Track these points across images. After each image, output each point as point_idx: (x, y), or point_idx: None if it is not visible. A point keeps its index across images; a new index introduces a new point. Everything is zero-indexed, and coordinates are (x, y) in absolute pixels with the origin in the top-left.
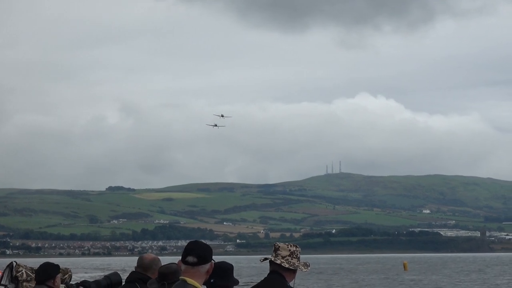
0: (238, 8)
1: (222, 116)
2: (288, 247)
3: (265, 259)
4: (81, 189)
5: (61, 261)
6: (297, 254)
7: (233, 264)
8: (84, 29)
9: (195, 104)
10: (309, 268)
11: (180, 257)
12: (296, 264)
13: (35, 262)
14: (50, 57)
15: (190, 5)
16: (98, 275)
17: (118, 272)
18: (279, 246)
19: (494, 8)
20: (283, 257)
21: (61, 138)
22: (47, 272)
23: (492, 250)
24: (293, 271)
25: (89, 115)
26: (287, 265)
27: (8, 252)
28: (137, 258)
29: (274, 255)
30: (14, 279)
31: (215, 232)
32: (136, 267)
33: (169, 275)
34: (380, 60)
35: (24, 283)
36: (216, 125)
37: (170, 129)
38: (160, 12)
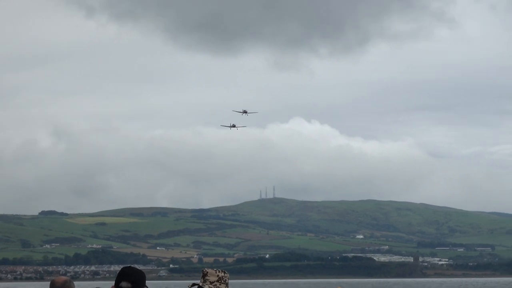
0: (168, 28)
1: (245, 112)
2: (216, 272)
3: (193, 284)
4: (14, 213)
5: None
6: (226, 280)
7: None
8: (12, 51)
9: (127, 128)
10: None
11: (113, 282)
12: None
13: None
14: None
15: (120, 25)
16: None
17: None
18: (207, 272)
19: (428, 31)
20: (211, 283)
21: None
22: None
23: (425, 275)
24: None
25: (20, 138)
26: None
27: None
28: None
29: (202, 280)
30: None
31: (148, 257)
32: None
33: None
34: (314, 84)
35: None
36: (234, 126)
37: (102, 153)
38: (90, 32)
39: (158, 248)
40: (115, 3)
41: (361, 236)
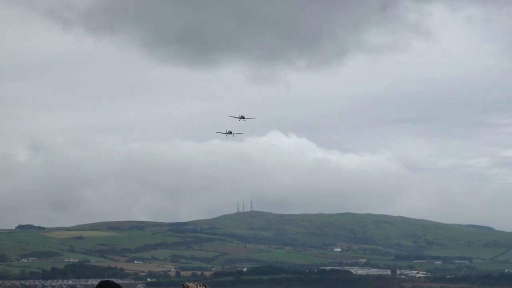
0: (145, 42)
1: (243, 118)
2: (197, 286)
3: None
4: None
5: None
6: None
7: None
8: None
9: (104, 141)
10: None
11: None
12: None
13: None
14: None
15: (97, 38)
16: None
17: None
18: (188, 286)
19: (406, 44)
20: None
21: None
22: None
23: None
24: None
25: None
26: None
27: None
28: None
29: None
30: None
31: (126, 271)
32: None
33: None
34: (292, 97)
35: None
36: (231, 133)
37: (80, 167)
38: (67, 45)
39: (135, 262)
40: (92, 16)
41: (339, 249)
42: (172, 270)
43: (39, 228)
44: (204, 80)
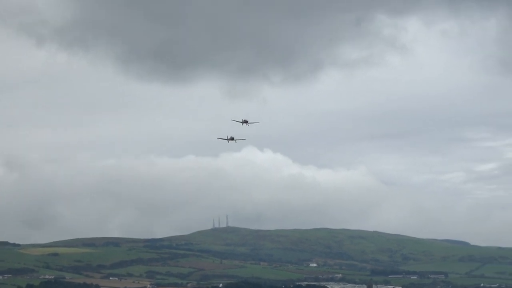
0: (119, 57)
1: (246, 122)
2: None
3: None
4: None
5: None
6: None
7: None
8: None
9: (78, 157)
10: None
11: None
12: None
13: None
14: None
15: (71, 54)
16: None
17: None
18: None
19: (380, 58)
20: None
21: None
22: None
23: None
24: None
25: None
26: None
27: None
28: None
29: None
30: None
31: (101, 287)
32: None
33: None
34: (267, 112)
35: None
36: (233, 139)
37: (55, 183)
38: (41, 61)
39: (111, 278)
40: (66, 32)
41: (315, 265)
42: (148, 286)
43: (14, 245)
44: (179, 96)
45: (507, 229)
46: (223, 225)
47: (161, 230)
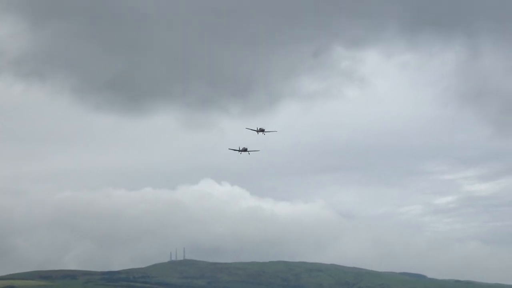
0: (76, 88)
1: (262, 131)
2: None
3: None
4: None
5: None
6: None
7: None
8: None
9: (35, 189)
10: None
11: None
12: None
13: None
14: None
15: (27, 84)
16: None
17: None
18: None
19: (338, 91)
20: None
21: None
22: None
23: None
24: None
25: None
26: None
27: None
28: None
29: None
30: None
31: None
32: None
33: None
34: (225, 144)
35: None
36: (246, 150)
37: (11, 215)
38: None
39: None
40: (22, 62)
41: None
42: None
43: None
44: (136, 127)
45: (464, 262)
46: (180, 257)
47: (118, 262)
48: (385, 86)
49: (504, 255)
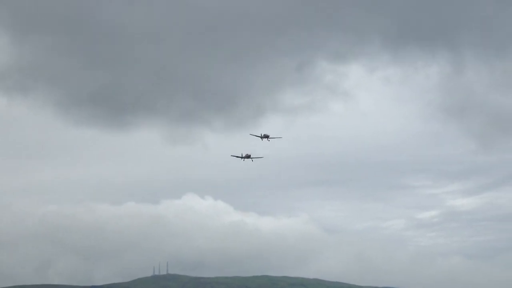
0: (58, 102)
1: (266, 137)
2: None
3: None
4: None
5: None
6: None
7: None
8: None
9: (18, 203)
10: None
11: None
12: None
13: None
14: None
15: (10, 98)
16: None
17: None
18: None
19: (322, 105)
20: None
21: None
22: None
23: None
24: None
25: None
26: None
27: None
28: None
29: None
30: None
31: None
32: None
33: None
34: (208, 158)
35: None
36: (249, 157)
37: None
38: None
39: None
40: (4, 76)
41: None
42: None
43: None
44: (118, 141)
45: (447, 277)
46: (164, 272)
47: (101, 276)
48: (368, 100)
49: (487, 269)
